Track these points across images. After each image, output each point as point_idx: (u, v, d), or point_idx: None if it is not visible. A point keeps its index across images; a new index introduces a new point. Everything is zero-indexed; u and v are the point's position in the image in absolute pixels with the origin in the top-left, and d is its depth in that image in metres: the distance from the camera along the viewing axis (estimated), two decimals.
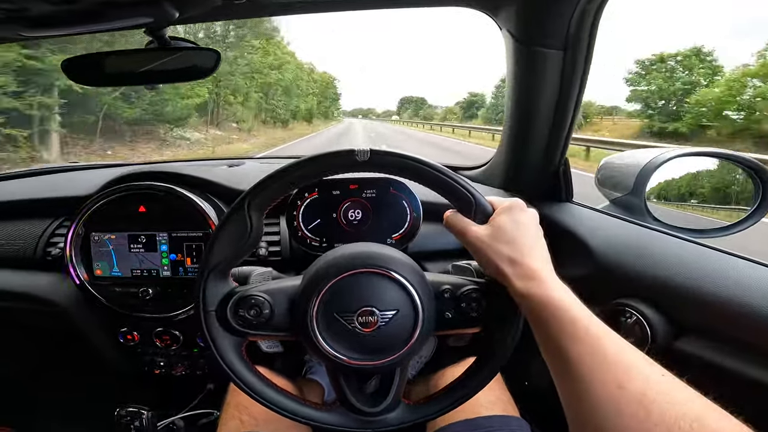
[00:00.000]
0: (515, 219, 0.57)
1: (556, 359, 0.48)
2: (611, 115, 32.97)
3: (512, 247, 0.55)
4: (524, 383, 1.04)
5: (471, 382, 0.64)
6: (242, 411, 0.83)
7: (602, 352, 0.44)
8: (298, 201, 0.97)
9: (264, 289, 0.61)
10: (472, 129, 28.81)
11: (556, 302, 0.49)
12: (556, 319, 0.48)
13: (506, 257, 0.55)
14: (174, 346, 1.12)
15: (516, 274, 0.54)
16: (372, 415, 0.61)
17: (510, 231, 0.56)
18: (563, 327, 0.47)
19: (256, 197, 0.59)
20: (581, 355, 0.45)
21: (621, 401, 0.40)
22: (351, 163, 0.59)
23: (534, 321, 0.52)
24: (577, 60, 0.85)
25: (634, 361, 0.43)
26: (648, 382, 0.41)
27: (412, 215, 0.97)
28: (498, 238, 0.56)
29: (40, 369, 1.48)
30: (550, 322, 0.48)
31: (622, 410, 0.40)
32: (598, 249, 0.89)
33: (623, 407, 0.40)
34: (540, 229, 0.59)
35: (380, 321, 0.58)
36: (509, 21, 0.86)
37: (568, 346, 0.46)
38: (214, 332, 0.60)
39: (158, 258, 1.01)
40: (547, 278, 0.52)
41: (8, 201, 1.20)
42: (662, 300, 0.77)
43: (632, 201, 0.96)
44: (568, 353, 0.46)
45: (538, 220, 0.59)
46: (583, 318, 0.47)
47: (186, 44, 0.89)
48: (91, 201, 0.99)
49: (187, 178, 1.07)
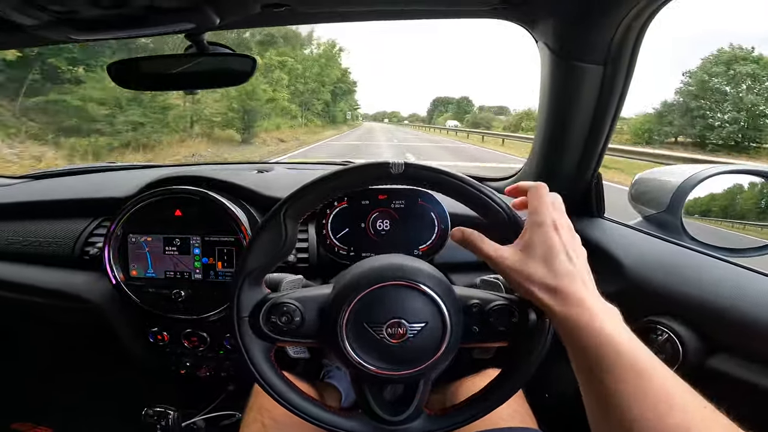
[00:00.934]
0: (547, 236, 0.52)
1: (593, 388, 0.46)
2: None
3: (547, 271, 0.51)
4: (545, 395, 1.02)
5: (493, 395, 0.64)
6: (264, 414, 0.84)
7: (644, 392, 0.42)
8: (328, 210, 0.98)
9: (296, 297, 0.62)
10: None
11: (597, 332, 0.46)
12: (598, 349, 0.45)
13: (540, 283, 0.51)
14: (201, 347, 1.14)
15: (553, 299, 0.50)
16: (393, 424, 0.61)
17: (544, 254, 0.52)
18: (606, 357, 0.45)
19: (292, 206, 0.60)
20: (622, 391, 0.43)
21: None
22: (386, 175, 0.59)
23: (572, 346, 0.49)
24: (617, 75, 0.83)
25: (677, 392, 0.42)
26: (686, 414, 0.40)
27: (439, 227, 0.97)
28: (529, 260, 0.52)
29: (70, 366, 1.52)
30: (592, 351, 0.46)
31: None
32: (629, 266, 0.88)
33: None
34: (577, 240, 0.54)
35: (409, 333, 0.58)
36: (546, 34, 0.85)
37: (608, 378, 0.44)
38: (246, 338, 0.60)
39: (191, 261, 1.03)
40: (587, 302, 0.48)
41: (47, 200, 1.24)
42: (694, 318, 0.76)
43: (667, 219, 0.94)
44: (608, 386, 0.44)
45: (577, 240, 0.55)
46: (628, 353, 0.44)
47: (224, 50, 0.91)
48: (130, 203, 1.02)
49: (220, 183, 1.09)
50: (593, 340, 0.46)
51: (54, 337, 1.43)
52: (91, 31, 0.84)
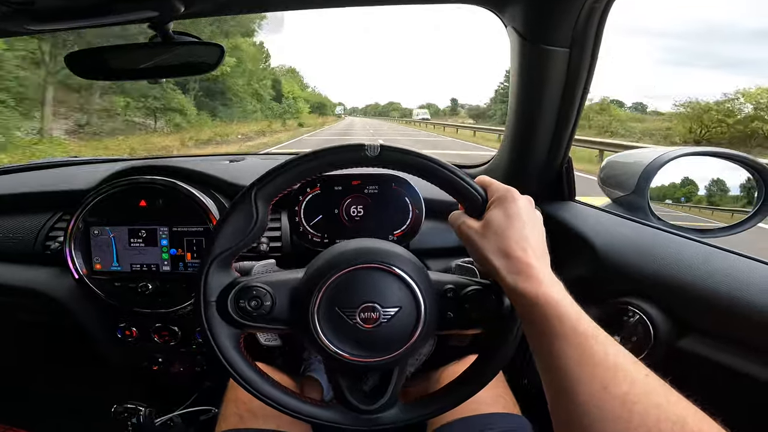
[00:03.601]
0: (507, 211, 0.54)
1: (543, 357, 0.47)
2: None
3: (503, 240, 0.52)
4: (524, 381, 1.03)
5: (471, 382, 0.63)
6: (241, 407, 0.83)
7: (589, 352, 0.43)
8: (300, 196, 0.97)
9: (266, 281, 0.60)
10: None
11: (544, 298, 0.47)
12: (544, 317, 0.47)
13: (496, 250, 0.53)
14: (172, 342, 1.11)
15: (506, 268, 0.51)
16: (369, 413, 0.61)
17: (501, 223, 0.53)
18: (551, 324, 0.46)
19: (263, 187, 0.58)
20: (567, 355, 0.44)
21: (606, 402, 0.40)
22: (361, 158, 0.58)
23: (523, 317, 0.51)
24: (583, 58, 0.84)
25: (621, 362, 0.42)
26: (633, 384, 0.40)
27: (414, 212, 0.97)
28: (489, 231, 0.54)
29: (38, 365, 1.47)
30: (538, 319, 0.47)
31: (606, 412, 0.40)
32: (600, 247, 0.89)
33: (607, 409, 0.40)
34: (536, 220, 0.56)
35: (382, 318, 0.57)
36: (515, 18, 0.86)
37: (554, 344, 0.45)
38: (213, 323, 0.59)
39: (158, 253, 1.00)
40: (538, 274, 0.49)
41: (8, 194, 1.20)
42: (665, 298, 0.77)
43: (635, 200, 0.96)
44: (554, 351, 0.45)
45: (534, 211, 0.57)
46: (572, 316, 0.46)
47: (190, 39, 0.88)
48: (91, 195, 0.99)
49: (188, 172, 1.06)
50: (539, 307, 0.47)
51: (19, 335, 1.38)
52: (49, 21, 0.81)
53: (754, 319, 0.65)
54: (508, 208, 0.54)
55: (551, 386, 0.46)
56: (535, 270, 0.50)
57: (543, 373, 0.48)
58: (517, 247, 0.51)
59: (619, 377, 0.41)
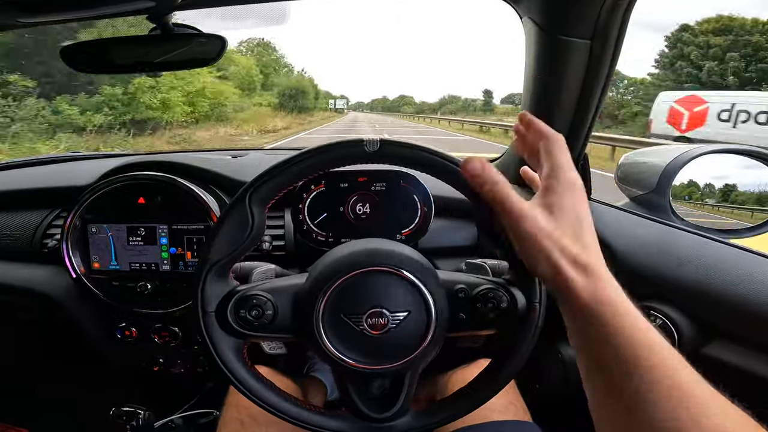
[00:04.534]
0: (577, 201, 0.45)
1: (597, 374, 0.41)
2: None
3: (575, 242, 0.43)
4: (535, 387, 1.01)
5: (485, 387, 0.60)
6: (242, 411, 0.81)
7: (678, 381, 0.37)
8: (304, 194, 0.95)
9: (266, 288, 0.58)
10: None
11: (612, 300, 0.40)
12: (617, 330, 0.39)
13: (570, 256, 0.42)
14: (173, 343, 1.09)
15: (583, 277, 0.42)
16: (380, 422, 0.58)
17: (573, 218, 0.44)
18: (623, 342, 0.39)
19: (258, 190, 0.55)
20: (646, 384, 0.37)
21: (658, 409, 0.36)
22: (360, 154, 0.55)
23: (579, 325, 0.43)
24: (605, 51, 0.80)
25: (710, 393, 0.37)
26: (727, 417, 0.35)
27: (422, 210, 0.94)
28: (558, 226, 0.44)
29: (36, 364, 1.47)
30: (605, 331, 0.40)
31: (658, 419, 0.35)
32: (619, 248, 0.86)
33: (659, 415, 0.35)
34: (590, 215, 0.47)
35: (390, 323, 0.55)
36: (531, 9, 0.82)
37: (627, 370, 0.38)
38: (214, 334, 0.56)
39: (158, 251, 0.98)
40: (604, 273, 0.42)
41: (5, 191, 1.18)
42: (690, 303, 0.73)
43: (656, 199, 0.92)
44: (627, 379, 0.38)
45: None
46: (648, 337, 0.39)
47: (190, 31, 0.86)
48: (88, 191, 0.96)
49: (188, 168, 1.04)
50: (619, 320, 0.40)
51: (17, 334, 1.37)
52: (42, 12, 0.78)
53: None
54: (580, 205, 0.45)
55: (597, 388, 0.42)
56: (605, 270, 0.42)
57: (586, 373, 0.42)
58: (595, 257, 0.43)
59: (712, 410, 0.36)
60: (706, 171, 0.96)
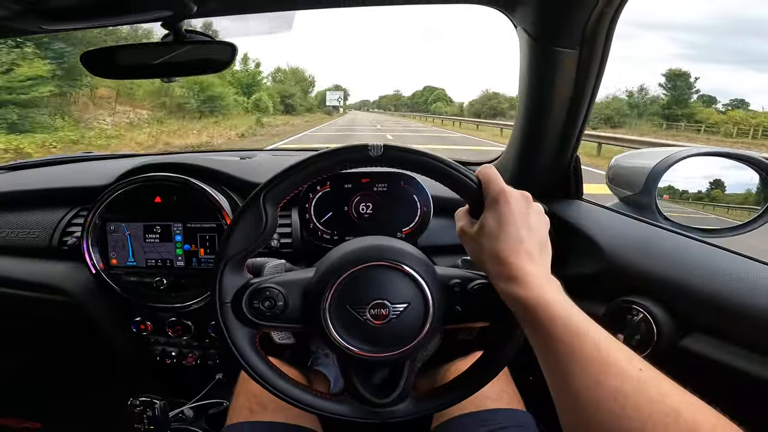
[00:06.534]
0: (499, 215, 0.54)
1: (540, 357, 0.49)
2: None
3: (495, 245, 0.53)
4: (529, 378, 1.05)
5: (478, 376, 0.65)
6: (252, 399, 0.85)
7: (579, 348, 0.44)
8: (311, 194, 0.99)
9: (278, 281, 0.62)
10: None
11: (536, 302, 0.48)
12: (536, 320, 0.48)
13: (489, 255, 0.54)
14: (186, 337, 1.14)
15: (498, 273, 0.53)
16: (381, 406, 0.62)
17: (493, 228, 0.54)
18: (543, 326, 0.47)
19: (271, 190, 0.60)
20: (560, 353, 0.45)
21: (599, 397, 0.41)
22: (365, 158, 0.59)
23: (519, 320, 0.52)
24: (593, 59, 0.84)
25: (614, 357, 0.43)
26: (624, 378, 0.41)
27: (422, 209, 0.98)
28: (482, 235, 0.55)
29: (53, 358, 1.50)
30: (532, 322, 0.48)
31: (599, 405, 0.41)
32: (606, 246, 0.90)
33: (600, 403, 0.41)
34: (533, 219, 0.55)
35: (392, 314, 0.59)
36: (525, 19, 0.86)
37: (548, 344, 0.46)
38: (229, 324, 0.60)
39: (173, 248, 1.03)
40: (531, 278, 0.50)
41: (25, 190, 1.22)
42: (669, 298, 0.77)
43: (642, 199, 0.96)
44: (549, 351, 0.46)
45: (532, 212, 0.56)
46: (562, 316, 0.46)
47: (202, 37, 0.90)
48: (108, 191, 1.01)
49: (201, 169, 1.08)
50: (531, 311, 0.48)
51: (36, 329, 1.40)
52: (63, 20, 0.82)
53: (758, 319, 0.66)
54: (500, 212, 0.54)
55: (552, 385, 0.47)
56: (527, 275, 0.50)
57: (545, 373, 0.49)
58: (510, 252, 0.52)
59: (611, 372, 0.42)
60: (691, 173, 1.00)
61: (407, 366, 0.63)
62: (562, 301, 0.49)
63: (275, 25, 1.07)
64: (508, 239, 0.52)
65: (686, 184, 1.02)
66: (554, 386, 0.47)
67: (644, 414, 0.39)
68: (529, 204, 0.56)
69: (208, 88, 23.84)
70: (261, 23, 1.03)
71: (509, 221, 0.53)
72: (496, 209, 0.54)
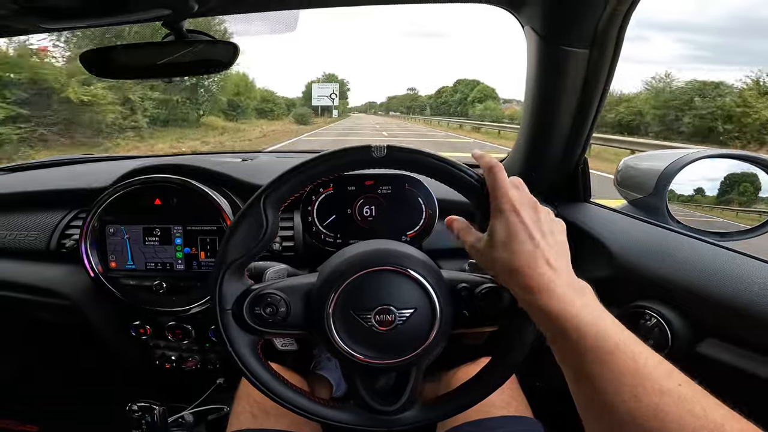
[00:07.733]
0: (508, 224, 0.51)
1: (567, 369, 0.46)
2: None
3: (509, 256, 0.50)
4: (536, 384, 1.03)
5: (486, 382, 0.63)
6: (253, 405, 0.83)
7: (615, 364, 0.42)
8: (313, 196, 0.97)
9: (280, 287, 0.60)
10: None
11: (560, 314, 0.45)
12: (563, 331, 0.45)
13: (504, 267, 0.50)
14: (186, 341, 1.12)
15: (517, 284, 0.49)
16: (387, 414, 0.61)
17: (503, 238, 0.51)
18: (571, 339, 0.44)
19: (271, 194, 0.58)
20: (591, 367, 0.43)
21: (636, 414, 0.39)
22: (368, 159, 0.58)
23: (544, 331, 0.49)
24: (603, 60, 0.83)
25: (651, 371, 0.41)
26: (663, 394, 0.39)
27: (427, 212, 0.97)
28: (494, 246, 0.51)
29: (51, 362, 1.49)
30: (559, 335, 0.46)
31: (638, 422, 0.39)
32: (617, 250, 0.88)
33: (639, 420, 0.39)
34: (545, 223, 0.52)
35: (398, 320, 0.57)
36: (533, 18, 0.85)
37: (577, 358, 0.44)
38: (231, 331, 0.59)
39: (173, 251, 1.01)
40: (550, 285, 0.47)
41: (25, 192, 1.21)
42: (683, 303, 0.75)
43: (653, 202, 0.94)
44: (579, 365, 0.44)
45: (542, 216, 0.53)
46: (592, 328, 0.44)
47: (204, 37, 0.88)
48: (107, 193, 0.99)
49: (201, 171, 1.07)
50: (559, 324, 0.46)
51: (33, 333, 1.39)
52: (62, 19, 0.81)
53: None
54: (508, 221, 0.51)
55: (580, 397, 0.45)
56: (549, 282, 0.47)
57: (570, 383, 0.47)
58: (525, 263, 0.49)
59: (648, 387, 0.40)
60: (702, 175, 0.98)
61: (413, 372, 0.62)
62: (590, 311, 0.46)
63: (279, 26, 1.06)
64: (521, 248, 0.49)
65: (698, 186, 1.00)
66: (585, 400, 0.44)
67: (687, 430, 0.37)
68: (537, 208, 0.53)
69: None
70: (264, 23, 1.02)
71: (520, 230, 0.50)
72: (503, 218, 0.52)
